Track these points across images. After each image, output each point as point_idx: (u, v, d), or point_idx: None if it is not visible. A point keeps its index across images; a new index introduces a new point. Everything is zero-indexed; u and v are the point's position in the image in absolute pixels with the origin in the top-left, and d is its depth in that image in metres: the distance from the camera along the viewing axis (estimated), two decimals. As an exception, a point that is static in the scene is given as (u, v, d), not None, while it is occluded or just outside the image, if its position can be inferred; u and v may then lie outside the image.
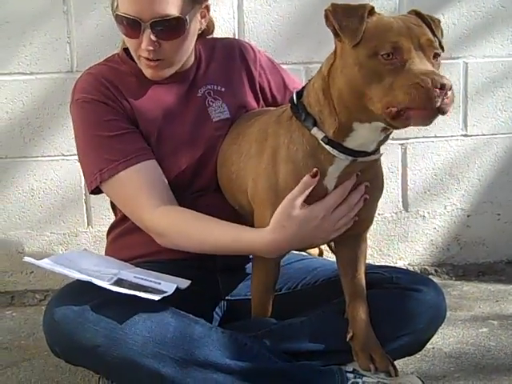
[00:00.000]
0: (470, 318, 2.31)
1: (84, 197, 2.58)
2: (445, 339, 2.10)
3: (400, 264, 2.77)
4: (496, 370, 1.90)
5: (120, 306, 1.51)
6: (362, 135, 1.47)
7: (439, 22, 1.50)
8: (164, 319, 1.54)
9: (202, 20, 1.80)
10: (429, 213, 2.75)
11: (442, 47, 1.43)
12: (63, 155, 2.54)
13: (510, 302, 2.45)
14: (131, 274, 1.62)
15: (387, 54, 1.35)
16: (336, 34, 1.43)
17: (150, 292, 1.53)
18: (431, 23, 1.45)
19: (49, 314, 1.54)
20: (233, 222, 1.72)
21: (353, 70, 1.39)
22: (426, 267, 2.76)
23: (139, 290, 1.52)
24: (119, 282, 1.56)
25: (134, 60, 1.83)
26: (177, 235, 1.69)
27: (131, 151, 1.73)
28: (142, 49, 1.72)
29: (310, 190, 1.52)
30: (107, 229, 1.98)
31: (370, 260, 2.05)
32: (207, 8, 1.80)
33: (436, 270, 2.76)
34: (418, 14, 1.47)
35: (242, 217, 1.78)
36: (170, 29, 1.70)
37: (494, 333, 2.17)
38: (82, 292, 1.53)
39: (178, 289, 1.57)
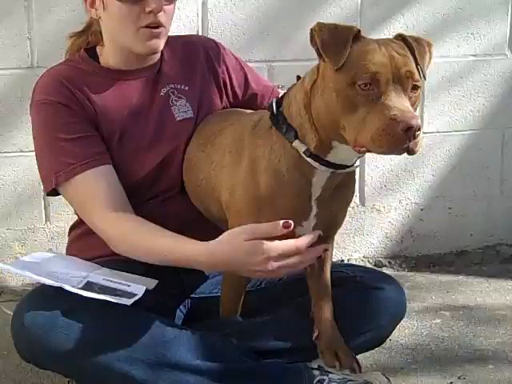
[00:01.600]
0: (424, 309, 2.41)
1: (42, 193, 2.55)
2: (400, 331, 2.17)
3: (355, 256, 2.86)
4: (450, 360, 2.01)
5: (91, 311, 1.52)
6: (342, 152, 1.49)
7: (429, 45, 1.49)
8: (135, 322, 1.56)
9: None
10: (384, 207, 2.85)
11: (424, 76, 1.45)
12: (22, 151, 2.51)
13: (460, 293, 2.58)
14: (100, 276, 1.62)
15: (365, 84, 1.35)
16: (320, 55, 1.43)
17: (121, 295, 1.53)
18: (415, 49, 1.44)
19: (18, 318, 1.53)
20: (198, 224, 1.76)
21: (331, 96, 1.41)
22: (381, 259, 2.86)
23: (110, 294, 1.53)
24: (89, 285, 1.56)
25: (95, 59, 1.83)
26: (122, 244, 1.69)
27: (89, 155, 1.72)
28: (145, 14, 1.70)
29: (273, 235, 1.48)
30: (66, 225, 1.97)
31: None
32: None
33: (390, 262, 2.86)
34: (403, 38, 1.46)
35: (209, 220, 1.81)
36: None
37: (447, 324, 2.28)
38: (52, 296, 1.53)
39: (146, 290, 1.58)
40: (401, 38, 1.47)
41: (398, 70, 1.37)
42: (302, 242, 1.52)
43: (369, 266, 2.79)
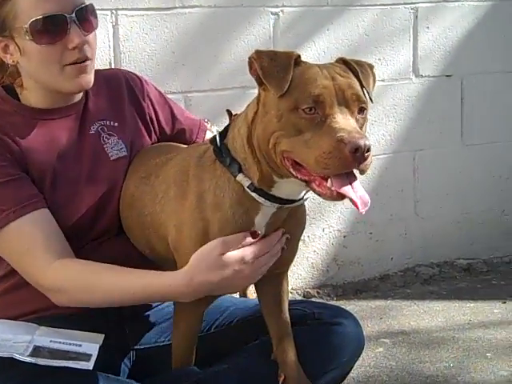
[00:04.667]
0: (363, 338, 2.38)
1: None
2: (348, 364, 2.14)
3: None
4: (405, 391, 1.99)
5: (46, 381, 1.37)
6: (286, 186, 1.43)
7: (371, 67, 1.47)
8: None
9: None
10: (309, 236, 2.81)
11: (370, 99, 1.40)
12: None
13: (393, 318, 2.58)
14: (46, 338, 1.48)
15: (309, 108, 1.30)
16: (260, 83, 1.38)
17: (76, 358, 1.41)
18: (359, 72, 1.40)
19: None
20: (139, 267, 1.61)
21: (272, 121, 1.35)
22: (309, 290, 2.81)
23: (63, 358, 1.40)
24: (37, 351, 1.42)
25: (15, 97, 1.69)
26: (77, 290, 1.56)
27: (23, 199, 1.57)
28: (69, 51, 1.59)
29: (242, 245, 1.45)
30: None
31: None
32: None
33: (318, 292, 2.82)
34: (345, 62, 1.42)
35: (150, 261, 1.69)
36: (89, 18, 1.64)
37: (391, 352, 2.26)
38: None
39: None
40: (342, 61, 1.43)
41: (342, 92, 1.33)
42: (272, 238, 1.49)
43: (298, 298, 2.73)
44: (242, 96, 1.44)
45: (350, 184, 1.30)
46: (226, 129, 1.53)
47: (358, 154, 1.24)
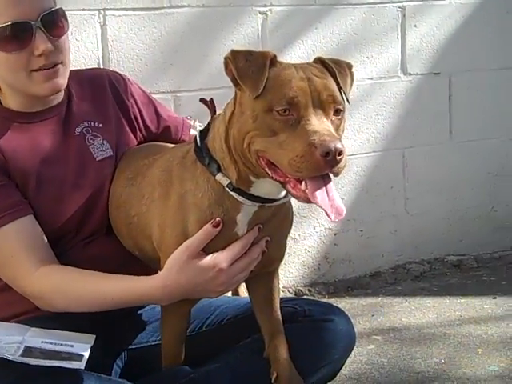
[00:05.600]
0: (355, 335, 2.39)
1: None
2: (340, 361, 2.14)
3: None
4: (397, 387, 1.99)
5: (38, 381, 1.37)
6: (264, 187, 1.43)
7: (350, 66, 1.46)
8: None
9: None
10: (299, 235, 2.81)
11: (347, 99, 1.40)
12: None
13: (384, 315, 2.58)
14: (37, 338, 1.47)
15: (283, 109, 1.29)
16: (236, 83, 1.38)
17: (68, 358, 1.41)
18: (336, 72, 1.40)
19: None
20: (127, 267, 1.63)
21: (248, 122, 1.35)
22: (300, 288, 2.82)
23: (55, 358, 1.40)
24: (29, 351, 1.41)
25: None
26: (60, 297, 1.57)
27: (5, 207, 1.57)
28: (35, 57, 1.57)
29: (209, 239, 1.45)
30: None
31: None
32: None
33: (309, 290, 2.82)
34: (322, 62, 1.42)
35: (139, 260, 1.69)
36: (57, 22, 1.61)
37: (382, 348, 2.26)
38: None
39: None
40: (320, 61, 1.43)
41: (318, 93, 1.32)
42: (246, 239, 1.47)
43: (289, 295, 2.73)
44: (231, 95, 1.44)
45: (325, 187, 1.30)
46: (207, 128, 1.53)
47: (329, 158, 1.23)
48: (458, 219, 3.14)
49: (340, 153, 1.24)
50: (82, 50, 2.37)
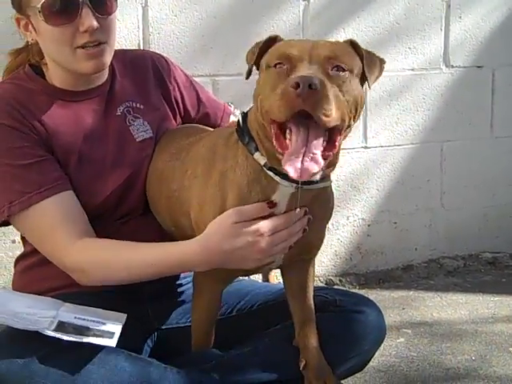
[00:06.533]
0: (384, 328, 2.37)
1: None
2: (368, 352, 2.13)
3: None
4: (425, 381, 1.96)
5: (70, 355, 1.39)
6: None
7: (382, 61, 1.45)
8: (118, 365, 1.44)
9: None
10: (333, 224, 2.79)
11: (369, 85, 1.40)
12: None
13: (415, 309, 2.55)
14: (70, 314, 1.50)
15: (278, 63, 1.32)
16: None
17: (99, 335, 1.43)
18: (364, 58, 1.39)
19: None
20: None
21: (257, 87, 1.40)
22: (331, 278, 2.80)
23: (87, 335, 1.42)
24: (61, 326, 1.44)
25: (42, 76, 1.69)
26: (98, 268, 1.57)
27: (46, 182, 1.58)
28: (80, 33, 1.57)
29: (259, 214, 1.44)
30: (3, 255, 1.80)
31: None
32: None
33: (341, 280, 2.80)
34: (352, 43, 1.42)
35: (175, 240, 1.69)
36: (105, 1, 1.60)
37: (412, 342, 2.24)
38: (25, 340, 1.39)
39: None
40: (350, 42, 1.42)
41: (318, 53, 1.32)
42: (290, 215, 1.46)
43: (320, 284, 2.71)
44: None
45: (307, 146, 1.28)
46: (250, 109, 1.53)
47: (299, 90, 1.22)
48: (494, 215, 3.08)
49: (311, 85, 1.22)
50: (122, 30, 2.37)
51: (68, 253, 1.56)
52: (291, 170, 1.27)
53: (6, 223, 1.63)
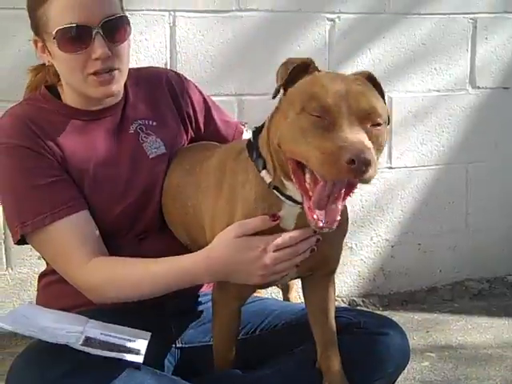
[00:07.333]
0: (408, 350, 2.34)
1: (3, 236, 2.36)
2: (392, 376, 2.10)
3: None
4: (451, 407, 1.95)
5: (95, 371, 1.39)
6: (296, 191, 1.40)
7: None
8: (144, 382, 1.44)
9: None
10: (356, 244, 2.78)
11: (388, 119, 1.36)
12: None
13: (439, 332, 2.52)
14: (96, 330, 1.50)
15: (316, 112, 1.28)
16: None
17: (125, 351, 1.42)
18: (384, 93, 1.39)
19: (16, 380, 1.39)
20: None
21: (281, 119, 1.35)
22: (354, 298, 2.78)
23: (113, 350, 1.41)
24: (89, 342, 1.43)
25: (58, 97, 1.72)
26: (111, 286, 1.59)
27: (59, 203, 1.60)
28: (92, 61, 1.59)
29: (262, 227, 1.44)
30: (29, 271, 1.82)
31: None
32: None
33: (363, 301, 2.79)
34: (370, 77, 1.39)
35: None
36: (118, 29, 1.62)
37: (436, 366, 2.21)
38: (50, 356, 1.39)
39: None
40: (367, 75, 1.40)
41: (356, 102, 1.29)
42: (298, 232, 1.45)
43: (343, 305, 2.70)
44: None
45: (329, 198, 1.29)
46: (263, 125, 1.52)
47: (354, 166, 1.20)
48: (520, 238, 3.06)
49: (367, 164, 1.21)
50: (150, 49, 2.40)
51: (80, 273, 1.58)
52: (314, 223, 1.30)
53: (25, 241, 1.64)
